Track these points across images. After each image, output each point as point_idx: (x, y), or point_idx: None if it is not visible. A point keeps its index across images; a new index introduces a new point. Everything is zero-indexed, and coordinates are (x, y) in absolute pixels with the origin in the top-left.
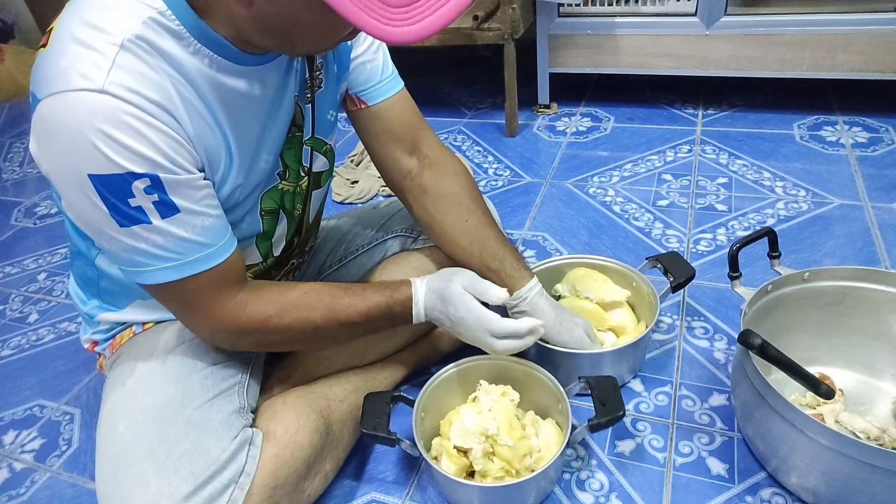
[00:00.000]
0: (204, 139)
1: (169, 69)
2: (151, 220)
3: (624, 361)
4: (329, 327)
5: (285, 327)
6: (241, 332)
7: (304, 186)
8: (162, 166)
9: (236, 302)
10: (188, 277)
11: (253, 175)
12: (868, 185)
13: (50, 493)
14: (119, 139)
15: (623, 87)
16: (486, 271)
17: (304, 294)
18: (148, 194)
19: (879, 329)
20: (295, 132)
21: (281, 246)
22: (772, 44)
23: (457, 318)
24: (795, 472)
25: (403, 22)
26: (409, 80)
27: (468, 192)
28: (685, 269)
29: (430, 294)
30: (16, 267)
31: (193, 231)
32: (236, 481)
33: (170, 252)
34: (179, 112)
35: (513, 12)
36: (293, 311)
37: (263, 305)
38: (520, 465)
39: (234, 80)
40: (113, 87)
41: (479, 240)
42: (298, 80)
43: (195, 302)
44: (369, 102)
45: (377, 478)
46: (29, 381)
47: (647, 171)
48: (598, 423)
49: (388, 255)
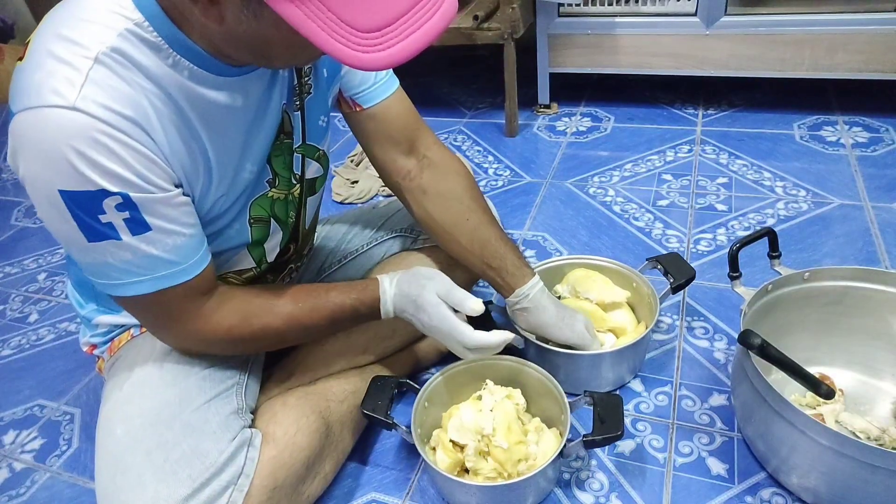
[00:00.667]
0: (180, 154)
1: (145, 83)
2: (121, 237)
3: (624, 362)
4: (294, 332)
5: (249, 335)
6: (206, 342)
7: (296, 194)
8: (134, 185)
9: (202, 312)
10: (156, 292)
11: (236, 185)
12: (868, 184)
13: (50, 493)
14: (90, 157)
15: (623, 87)
16: (488, 269)
17: (267, 301)
18: (119, 211)
19: (879, 329)
20: (283, 139)
21: (275, 252)
22: (772, 43)
23: (429, 326)
24: (796, 472)
25: (374, 48)
26: (409, 80)
27: (468, 191)
28: (685, 270)
29: (400, 297)
30: (16, 267)
31: (164, 249)
32: (235, 483)
33: (139, 268)
34: (154, 127)
35: (513, 12)
36: (256, 320)
37: (227, 315)
38: (512, 468)
39: (215, 92)
40: (84, 104)
41: (480, 239)
42: (286, 88)
43: (162, 314)
44: (364, 105)
45: (377, 478)
46: (29, 381)
47: (647, 171)
48: (594, 440)
49: (387, 256)
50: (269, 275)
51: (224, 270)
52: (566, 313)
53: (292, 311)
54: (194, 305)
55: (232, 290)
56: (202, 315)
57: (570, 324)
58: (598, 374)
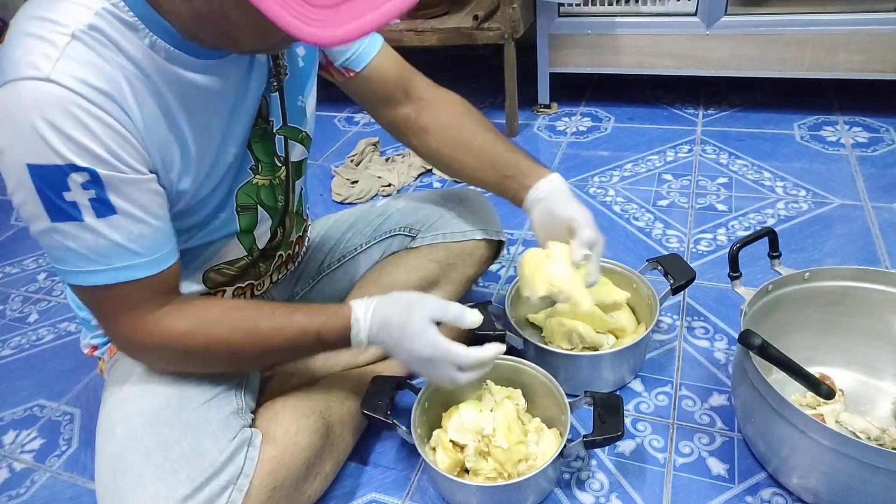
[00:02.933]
0: (157, 135)
1: (122, 60)
2: (84, 218)
3: (624, 363)
4: (250, 351)
5: (201, 346)
6: (153, 347)
7: (282, 177)
8: (104, 161)
9: (156, 314)
10: (113, 285)
11: (217, 170)
12: (868, 185)
13: (50, 493)
14: (60, 128)
15: (623, 87)
16: (504, 180)
17: (227, 311)
18: (85, 189)
19: (880, 329)
20: (262, 124)
21: (266, 238)
22: (772, 43)
23: (415, 356)
24: (796, 472)
25: (328, 24)
26: None
27: (466, 116)
28: (686, 271)
29: (380, 326)
30: (16, 267)
31: (128, 237)
32: (234, 483)
33: (99, 255)
34: (130, 105)
35: (513, 12)
36: (210, 328)
37: (180, 319)
38: (512, 468)
39: (193, 74)
40: (59, 76)
41: (490, 155)
42: (264, 72)
43: (115, 310)
44: (356, 69)
45: (377, 478)
46: (29, 381)
47: (647, 171)
48: (594, 441)
49: (386, 254)
50: (262, 263)
51: (216, 262)
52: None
53: (251, 326)
54: (150, 305)
55: (193, 298)
56: (155, 316)
57: (579, 206)
58: (599, 375)
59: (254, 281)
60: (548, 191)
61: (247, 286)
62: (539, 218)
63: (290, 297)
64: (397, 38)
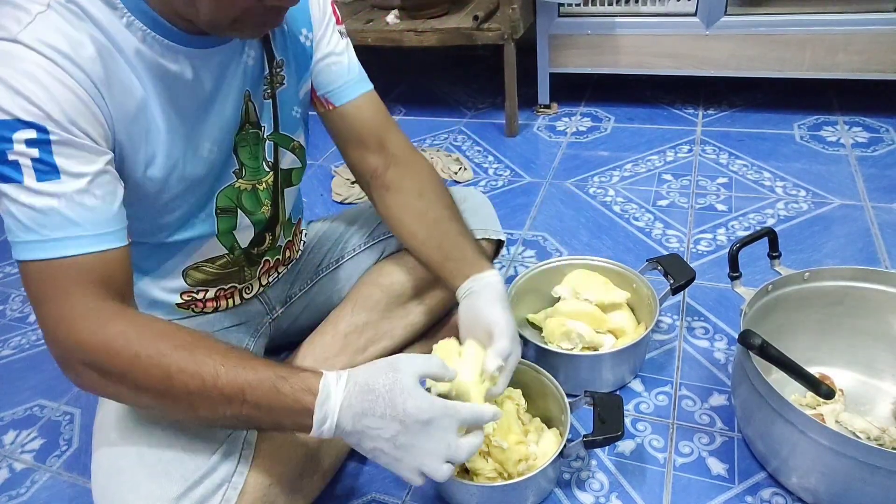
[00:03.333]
0: (125, 109)
1: (98, 35)
2: (24, 180)
3: (624, 363)
4: (185, 383)
5: (128, 359)
6: (74, 351)
7: (269, 182)
8: (55, 121)
9: (89, 311)
10: (48, 261)
11: (194, 163)
12: (868, 185)
13: (50, 493)
14: (12, 84)
15: (623, 87)
16: (446, 261)
17: (177, 329)
18: (29, 147)
19: (880, 329)
20: (249, 129)
21: (248, 239)
22: (772, 44)
23: (413, 421)
24: (796, 472)
25: None
26: (409, 80)
27: (430, 187)
28: (686, 271)
29: (362, 392)
30: (16, 267)
31: (68, 204)
32: (229, 481)
33: (35, 223)
34: (97, 74)
35: (513, 12)
36: (148, 340)
37: (116, 326)
38: (513, 468)
39: (167, 60)
40: (26, 38)
41: (440, 232)
42: (250, 75)
43: (45, 295)
44: (336, 103)
45: (377, 478)
46: (29, 381)
47: (647, 171)
48: (594, 441)
49: (385, 254)
50: (247, 268)
51: (196, 261)
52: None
53: (199, 355)
54: (84, 297)
55: (143, 314)
56: (87, 314)
57: (506, 312)
58: (599, 375)
59: (237, 284)
60: (481, 286)
61: (230, 289)
62: (464, 312)
63: (288, 297)
64: (397, 39)
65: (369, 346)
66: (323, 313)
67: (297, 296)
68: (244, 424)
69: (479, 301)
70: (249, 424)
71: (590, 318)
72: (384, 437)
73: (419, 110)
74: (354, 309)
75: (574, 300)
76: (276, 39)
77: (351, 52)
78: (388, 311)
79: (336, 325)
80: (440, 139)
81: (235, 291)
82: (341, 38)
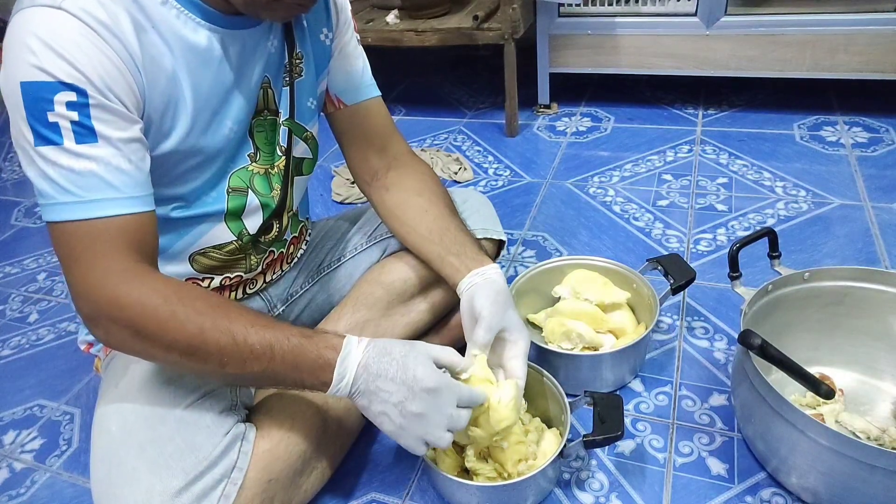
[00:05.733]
0: (157, 82)
1: (134, 9)
2: (63, 141)
3: (624, 363)
4: (217, 339)
5: (165, 316)
6: (106, 311)
7: (281, 167)
8: (94, 85)
9: (121, 272)
10: (84, 221)
11: (214, 138)
12: (868, 185)
13: (50, 493)
14: (55, 48)
15: (623, 87)
16: (447, 255)
17: (204, 294)
18: (69, 110)
19: (880, 329)
20: (267, 115)
21: (257, 225)
22: (772, 44)
23: (420, 388)
24: (795, 472)
25: None
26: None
27: (429, 187)
28: (686, 271)
29: (380, 354)
30: (16, 267)
31: (105, 168)
32: (228, 476)
33: (73, 184)
34: (132, 46)
35: (513, 12)
36: (185, 298)
37: (148, 286)
38: (513, 468)
39: (196, 35)
40: (70, 5)
41: (439, 230)
42: (273, 63)
43: (80, 254)
44: (347, 102)
45: (377, 478)
46: (29, 381)
47: (647, 171)
48: (594, 441)
49: (387, 254)
50: (253, 256)
51: (203, 246)
52: (510, 298)
53: (225, 315)
54: (118, 257)
55: (171, 278)
56: (120, 274)
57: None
58: (599, 375)
59: (243, 273)
60: (481, 281)
61: (235, 278)
62: (462, 307)
63: (289, 295)
64: (398, 39)
65: None
66: (324, 312)
67: (298, 294)
68: (268, 381)
69: (474, 295)
70: (273, 381)
71: (590, 317)
72: (392, 401)
73: (419, 110)
74: (356, 307)
75: (574, 300)
76: (298, 33)
77: (365, 59)
78: (390, 309)
79: (337, 322)
80: (440, 139)
81: (240, 283)
82: (358, 44)
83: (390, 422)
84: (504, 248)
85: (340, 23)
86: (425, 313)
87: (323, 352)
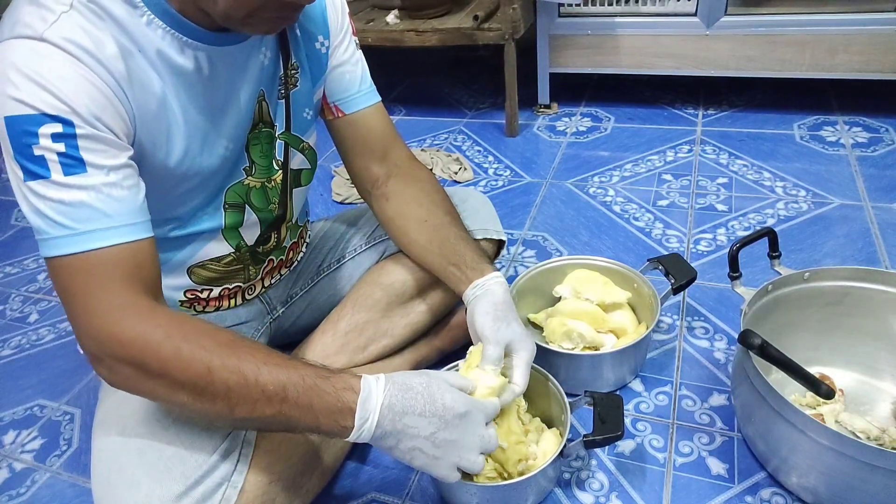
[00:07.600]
0: (146, 107)
1: (119, 34)
2: (51, 174)
3: (624, 363)
4: (226, 379)
5: (168, 354)
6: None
7: (278, 181)
8: (80, 115)
9: (123, 305)
10: (79, 254)
11: (210, 157)
12: (868, 185)
13: (50, 493)
14: (39, 78)
15: (623, 87)
16: (448, 266)
17: (216, 328)
18: (55, 142)
19: (880, 329)
20: (262, 128)
21: (255, 237)
22: (772, 44)
23: (452, 415)
24: (796, 472)
25: None
26: (410, 80)
27: (430, 195)
28: (687, 270)
29: (402, 390)
30: (16, 267)
31: (97, 197)
32: (229, 480)
33: (66, 217)
34: (119, 72)
35: (513, 12)
36: (189, 335)
37: (151, 322)
38: (512, 468)
39: (185, 57)
40: (52, 36)
41: (440, 238)
42: (265, 75)
43: (80, 288)
44: (346, 111)
45: (377, 478)
46: (29, 381)
47: (647, 171)
48: (594, 441)
49: (387, 255)
50: (251, 267)
51: (201, 259)
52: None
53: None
54: (117, 289)
55: (178, 311)
56: (124, 308)
57: (508, 321)
58: (599, 375)
59: (242, 284)
60: (481, 293)
61: (235, 288)
62: (468, 320)
63: (289, 297)
64: (398, 39)
65: (369, 344)
66: (324, 313)
67: (297, 296)
68: (280, 426)
69: (474, 311)
70: (286, 426)
71: (590, 317)
72: (423, 434)
73: (419, 110)
74: (355, 308)
75: (575, 300)
76: (292, 42)
77: (364, 64)
78: (389, 310)
79: (336, 323)
80: (440, 139)
81: (239, 291)
82: (356, 50)
83: (423, 455)
84: (504, 248)
85: (337, 29)
86: (424, 314)
87: (342, 394)
